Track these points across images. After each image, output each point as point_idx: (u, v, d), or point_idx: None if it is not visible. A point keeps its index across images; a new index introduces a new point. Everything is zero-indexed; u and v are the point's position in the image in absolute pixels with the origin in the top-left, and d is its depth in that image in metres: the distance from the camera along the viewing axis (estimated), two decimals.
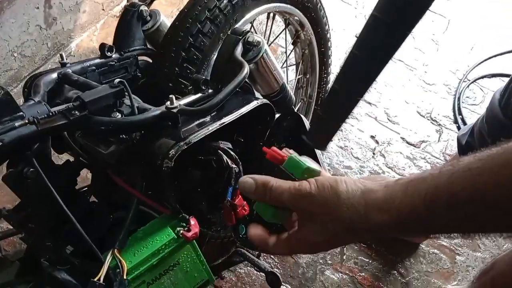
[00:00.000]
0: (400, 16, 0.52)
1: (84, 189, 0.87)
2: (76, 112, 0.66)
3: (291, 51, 1.37)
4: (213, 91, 0.81)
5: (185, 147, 0.71)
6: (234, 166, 0.79)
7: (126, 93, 0.71)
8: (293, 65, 1.42)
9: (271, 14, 1.20)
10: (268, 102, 0.85)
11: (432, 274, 1.47)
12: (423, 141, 1.81)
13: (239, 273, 1.38)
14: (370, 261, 1.48)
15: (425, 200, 0.41)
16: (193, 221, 0.75)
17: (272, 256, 1.45)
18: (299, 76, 1.43)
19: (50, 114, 0.65)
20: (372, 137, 1.80)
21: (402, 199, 0.43)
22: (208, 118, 0.79)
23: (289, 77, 1.46)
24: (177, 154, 0.69)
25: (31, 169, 0.65)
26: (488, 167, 0.39)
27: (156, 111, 0.72)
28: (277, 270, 1.43)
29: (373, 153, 1.75)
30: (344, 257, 1.48)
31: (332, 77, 1.47)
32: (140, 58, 0.99)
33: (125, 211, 0.77)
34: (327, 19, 1.36)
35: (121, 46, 0.95)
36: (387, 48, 0.54)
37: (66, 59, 0.87)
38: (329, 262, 1.47)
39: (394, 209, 0.43)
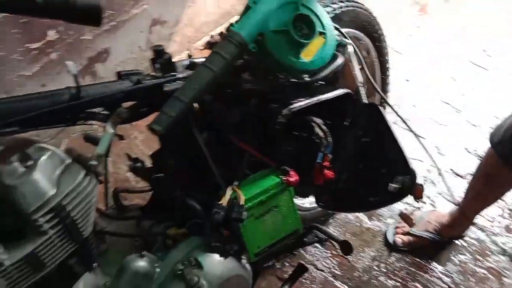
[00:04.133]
0: None
1: None
2: None
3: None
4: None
5: (294, 109, 0.91)
6: (324, 136, 0.98)
7: None
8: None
9: None
10: (350, 92, 1.05)
11: None
12: (469, 174, 1.94)
13: None
14: (421, 273, 1.57)
15: None
16: (292, 172, 0.93)
17: (330, 259, 1.58)
18: None
19: None
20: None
21: None
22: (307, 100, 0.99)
23: None
24: (289, 113, 0.90)
25: None
26: None
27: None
28: (335, 271, 1.55)
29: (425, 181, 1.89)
30: (398, 266, 1.59)
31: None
32: None
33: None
34: (387, 50, 1.60)
35: None
36: None
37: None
38: (383, 270, 1.57)
39: None
